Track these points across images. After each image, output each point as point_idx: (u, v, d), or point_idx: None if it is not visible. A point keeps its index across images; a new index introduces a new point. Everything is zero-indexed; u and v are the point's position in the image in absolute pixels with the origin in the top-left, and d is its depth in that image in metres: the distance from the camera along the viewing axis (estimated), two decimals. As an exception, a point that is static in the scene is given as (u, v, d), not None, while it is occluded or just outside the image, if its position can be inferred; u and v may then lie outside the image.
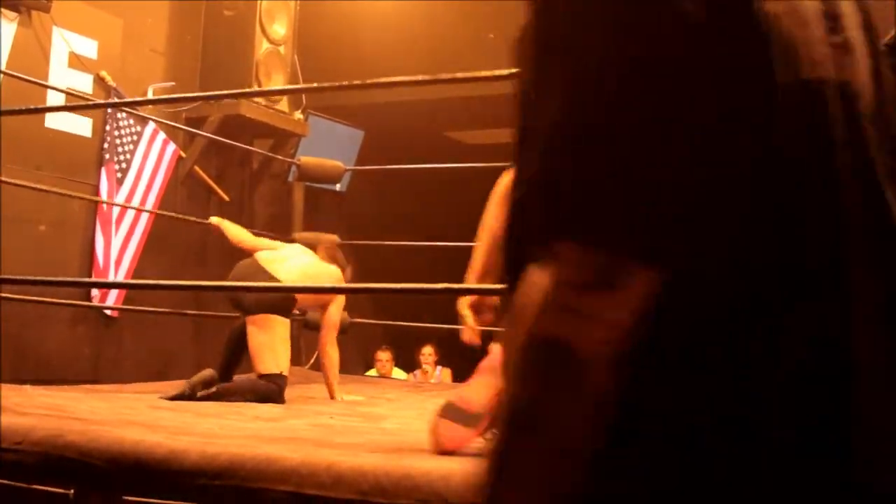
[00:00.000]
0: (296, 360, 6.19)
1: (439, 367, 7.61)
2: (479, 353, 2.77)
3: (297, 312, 5.09)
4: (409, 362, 7.89)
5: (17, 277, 3.84)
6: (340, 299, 4.75)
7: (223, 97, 5.76)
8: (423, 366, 7.56)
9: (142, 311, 5.53)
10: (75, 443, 2.29)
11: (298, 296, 4.59)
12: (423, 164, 6.62)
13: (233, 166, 6.43)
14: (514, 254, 0.81)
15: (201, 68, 6.12)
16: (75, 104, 5.19)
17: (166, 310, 5.64)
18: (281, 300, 4.45)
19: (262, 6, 5.98)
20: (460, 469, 2.10)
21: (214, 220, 5.07)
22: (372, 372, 7.45)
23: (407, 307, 6.59)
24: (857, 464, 0.78)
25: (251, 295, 4.42)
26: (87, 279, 5.33)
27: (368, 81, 3.15)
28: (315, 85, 4.78)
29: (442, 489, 2.02)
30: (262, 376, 4.40)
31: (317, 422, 3.52)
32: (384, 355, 7.50)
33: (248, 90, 5.80)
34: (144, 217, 5.65)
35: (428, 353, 7.54)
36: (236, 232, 4.96)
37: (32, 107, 4.59)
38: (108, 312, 5.48)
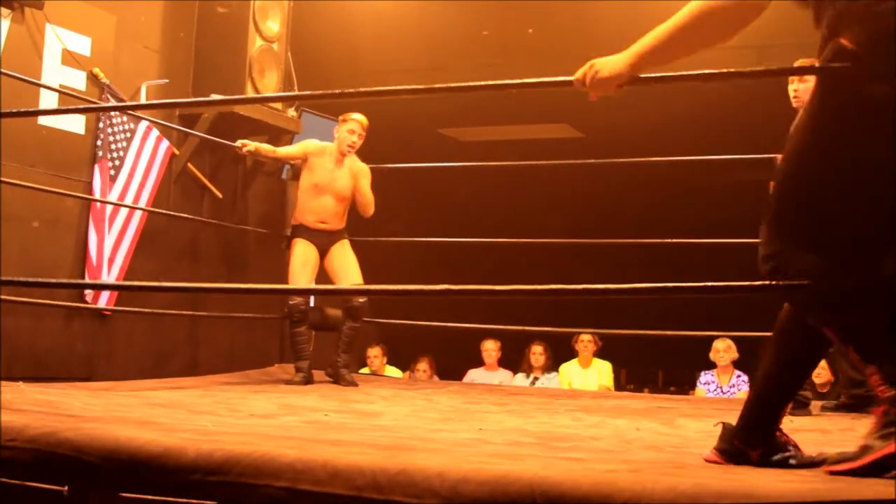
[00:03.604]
0: (288, 357, 6.20)
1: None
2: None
3: None
4: (404, 361, 7.89)
5: (16, 280, 3.82)
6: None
7: (218, 104, 5.74)
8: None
9: (136, 312, 5.51)
10: (70, 440, 2.29)
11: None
12: (416, 160, 6.61)
13: (226, 164, 6.42)
14: None
15: (195, 65, 6.12)
16: (73, 108, 5.17)
17: (160, 310, 5.64)
18: None
19: (256, 3, 5.97)
20: (456, 465, 2.10)
21: (243, 143, 5.70)
22: (365, 370, 7.45)
23: (400, 306, 6.59)
24: None
25: None
26: (84, 281, 5.31)
27: (363, 90, 3.13)
28: (308, 92, 4.78)
29: (437, 485, 2.02)
30: None
31: (312, 418, 3.52)
32: (374, 351, 7.51)
33: (242, 97, 5.82)
34: (138, 214, 5.63)
35: (422, 368, 7.55)
36: (271, 148, 5.77)
37: (30, 109, 4.60)
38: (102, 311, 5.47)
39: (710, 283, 2.39)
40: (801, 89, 4.28)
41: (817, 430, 3.53)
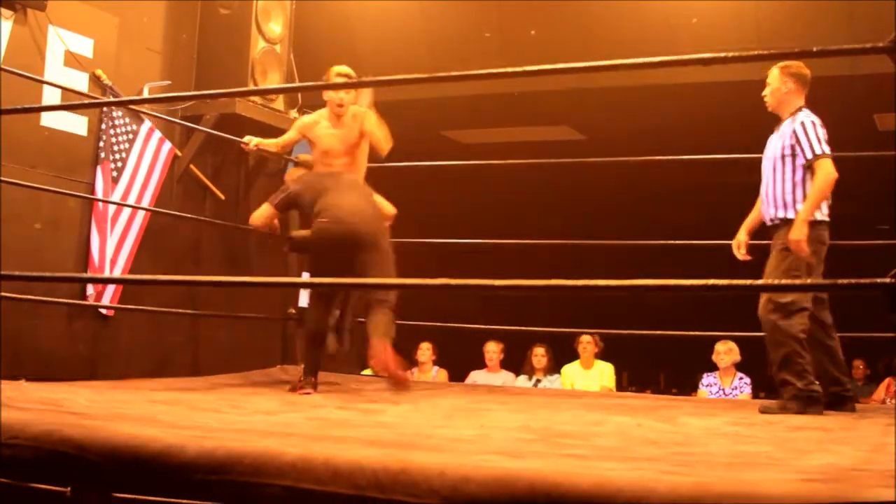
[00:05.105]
0: (290, 359, 6.20)
1: (436, 368, 7.61)
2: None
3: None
4: (405, 361, 7.88)
5: (17, 273, 3.82)
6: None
7: (220, 96, 5.76)
8: (421, 363, 7.56)
9: (138, 309, 5.51)
10: (71, 437, 2.29)
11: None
12: (419, 163, 6.61)
13: (228, 165, 6.42)
14: None
15: (197, 67, 6.12)
16: (73, 103, 5.18)
17: (162, 308, 5.64)
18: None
19: (258, 5, 5.98)
20: (457, 464, 2.10)
21: (249, 139, 5.45)
22: (367, 371, 7.44)
23: (403, 307, 6.58)
24: None
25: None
26: (85, 275, 5.31)
27: (365, 80, 3.14)
28: (311, 83, 4.79)
29: (438, 485, 2.02)
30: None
31: (314, 415, 3.52)
32: None
33: (243, 89, 5.79)
34: (140, 215, 5.64)
35: (426, 347, 7.54)
36: (274, 141, 5.48)
37: (30, 106, 4.59)
38: (104, 311, 5.47)
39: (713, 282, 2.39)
40: (766, 94, 4.48)
41: (820, 429, 3.53)
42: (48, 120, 5.20)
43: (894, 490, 1.82)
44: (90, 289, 5.36)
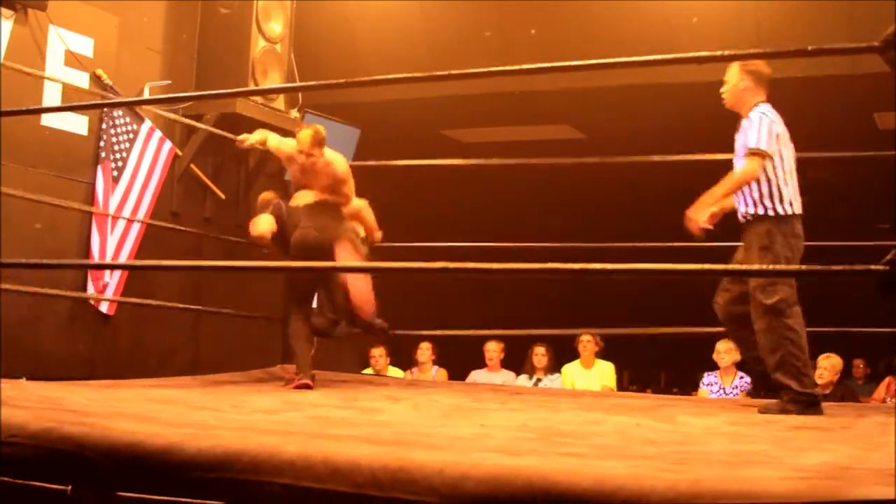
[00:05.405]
0: (291, 358, 6.20)
1: (435, 367, 7.61)
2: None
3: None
4: (405, 361, 7.89)
5: (17, 262, 3.82)
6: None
7: (220, 96, 5.76)
8: (420, 362, 7.56)
9: (138, 303, 5.52)
10: (71, 435, 2.29)
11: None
12: (418, 161, 6.62)
13: (229, 164, 6.42)
14: None
15: (197, 66, 6.13)
16: (73, 104, 5.18)
17: (162, 302, 5.64)
18: None
19: (259, 4, 5.98)
20: (456, 462, 2.10)
21: (244, 137, 5.42)
22: (368, 370, 7.45)
23: (404, 307, 6.59)
24: None
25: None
26: (86, 261, 5.29)
27: (366, 79, 3.14)
28: (313, 83, 4.80)
29: (437, 483, 2.02)
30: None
31: (313, 414, 3.53)
32: (377, 351, 7.51)
33: (244, 89, 5.79)
34: (140, 215, 5.64)
35: (426, 347, 7.54)
36: (263, 138, 5.39)
37: (31, 107, 4.60)
38: (104, 311, 5.47)
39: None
40: (724, 90, 4.49)
41: (819, 428, 3.53)
42: (48, 119, 5.20)
43: (892, 488, 1.82)
44: (91, 289, 5.37)
